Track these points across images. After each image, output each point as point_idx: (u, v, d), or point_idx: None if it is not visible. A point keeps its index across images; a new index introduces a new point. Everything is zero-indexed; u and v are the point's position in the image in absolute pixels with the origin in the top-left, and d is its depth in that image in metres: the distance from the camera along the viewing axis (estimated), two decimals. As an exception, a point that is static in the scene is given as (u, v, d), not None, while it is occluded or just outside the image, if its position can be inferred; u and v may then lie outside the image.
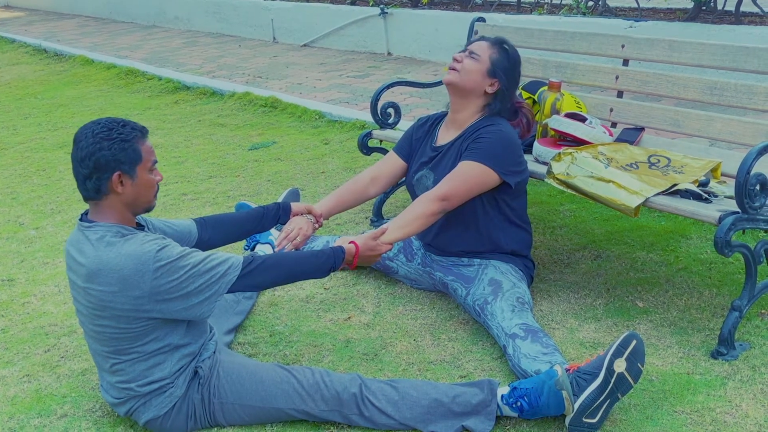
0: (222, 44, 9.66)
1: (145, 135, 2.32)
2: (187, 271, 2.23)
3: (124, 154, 2.24)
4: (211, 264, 2.28)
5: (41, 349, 2.99)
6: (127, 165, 2.25)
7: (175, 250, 2.25)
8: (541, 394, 2.27)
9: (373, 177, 3.18)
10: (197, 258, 2.27)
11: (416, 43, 7.74)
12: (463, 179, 2.81)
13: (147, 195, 2.33)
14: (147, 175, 2.31)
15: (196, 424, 2.42)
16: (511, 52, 2.96)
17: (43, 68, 9.15)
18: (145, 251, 2.21)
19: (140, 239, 2.25)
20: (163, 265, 2.20)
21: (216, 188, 4.65)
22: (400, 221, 2.77)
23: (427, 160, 3.03)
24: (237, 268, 2.31)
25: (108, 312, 2.25)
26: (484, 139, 2.85)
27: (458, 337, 2.87)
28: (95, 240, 2.25)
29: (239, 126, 6.01)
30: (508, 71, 2.94)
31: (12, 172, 5.33)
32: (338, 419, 2.38)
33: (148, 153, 2.31)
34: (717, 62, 3.17)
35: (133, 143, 2.26)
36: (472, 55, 2.93)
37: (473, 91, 2.93)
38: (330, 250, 2.48)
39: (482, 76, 2.91)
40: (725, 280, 3.10)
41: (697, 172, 2.87)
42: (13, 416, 2.59)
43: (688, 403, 2.40)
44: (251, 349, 2.88)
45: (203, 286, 2.26)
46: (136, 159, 2.27)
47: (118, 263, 2.20)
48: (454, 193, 2.79)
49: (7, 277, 3.67)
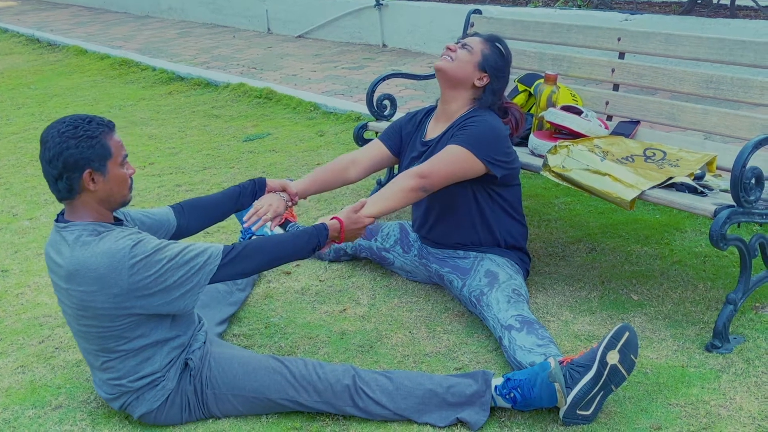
0: (216, 35, 9.62)
1: (113, 129, 2.29)
2: (164, 264, 2.22)
3: (92, 151, 2.21)
4: (190, 255, 2.26)
5: (35, 340, 2.98)
6: (96, 162, 2.22)
7: (150, 244, 2.22)
8: (534, 386, 2.28)
9: (354, 159, 3.12)
10: (174, 250, 2.25)
11: (411, 35, 7.72)
12: (444, 160, 2.80)
13: (120, 190, 2.30)
14: (118, 170, 2.28)
15: (190, 415, 2.42)
16: (503, 51, 2.97)
17: (36, 58, 9.11)
18: (120, 248, 2.19)
19: (114, 236, 2.23)
20: (138, 261, 2.19)
21: (211, 179, 4.63)
22: (380, 195, 2.74)
23: (417, 155, 3.02)
24: (217, 257, 2.29)
25: (90, 311, 2.24)
26: (471, 126, 2.86)
27: (453, 329, 2.87)
28: (72, 240, 2.23)
29: (234, 117, 5.99)
30: (499, 68, 2.94)
31: (5, 162, 5.30)
32: (331, 410, 2.39)
33: (118, 147, 2.27)
34: (713, 56, 3.17)
35: (101, 139, 2.23)
36: (465, 46, 2.94)
37: (463, 81, 2.92)
38: (312, 228, 2.46)
39: (473, 67, 2.91)
40: (720, 274, 3.11)
41: (693, 165, 2.88)
42: (8, 407, 2.58)
43: (683, 395, 2.41)
44: (246, 340, 2.87)
45: (183, 278, 2.24)
46: (105, 155, 2.24)
47: (93, 262, 2.18)
48: (434, 172, 2.77)
49: (1, 267, 3.66)
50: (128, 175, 2.32)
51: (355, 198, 4.14)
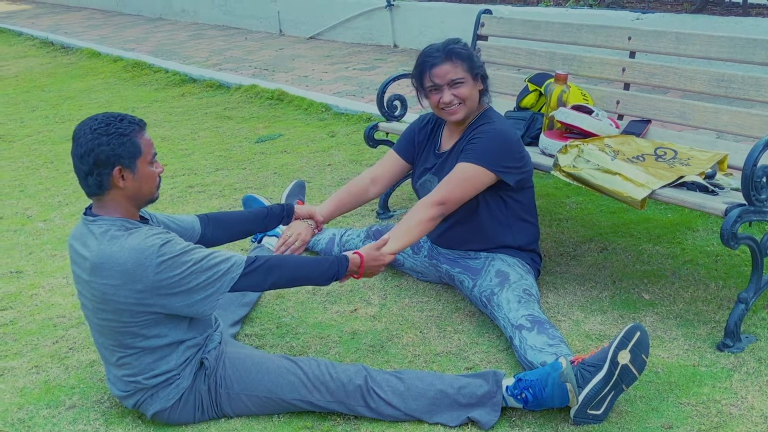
0: (228, 37, 9.66)
1: (143, 128, 2.33)
2: (189, 266, 2.24)
3: (123, 148, 2.25)
4: (214, 261, 2.28)
5: (50, 341, 3.01)
6: (127, 159, 2.26)
7: (178, 246, 2.25)
8: (546, 386, 2.28)
9: (373, 178, 3.16)
10: (200, 254, 2.27)
11: (423, 35, 7.72)
12: (458, 182, 2.80)
13: (149, 187, 2.34)
14: (147, 168, 2.31)
15: (203, 415, 2.44)
16: (463, 46, 2.88)
17: (49, 61, 9.17)
18: (149, 245, 2.21)
19: (144, 233, 2.25)
20: (165, 260, 2.21)
21: (223, 181, 4.66)
22: (401, 230, 2.75)
23: (431, 166, 3.03)
24: (240, 266, 2.31)
25: (111, 305, 2.26)
26: (478, 139, 2.85)
27: (464, 329, 2.88)
28: (99, 234, 2.26)
29: (246, 118, 6.02)
30: (478, 63, 2.89)
31: (20, 164, 5.35)
32: (343, 410, 2.40)
33: (148, 146, 2.31)
34: (724, 54, 3.16)
35: (132, 137, 2.27)
36: (456, 84, 2.84)
37: (475, 104, 2.92)
38: (334, 258, 2.49)
39: (473, 87, 2.88)
40: (731, 273, 3.10)
41: (704, 164, 2.87)
42: (23, 407, 2.61)
43: (694, 395, 2.40)
44: (258, 340, 2.89)
45: (206, 282, 2.27)
46: (136, 152, 2.27)
47: (121, 257, 2.21)
48: (450, 197, 2.79)
49: (16, 268, 3.70)
50: (157, 173, 2.36)
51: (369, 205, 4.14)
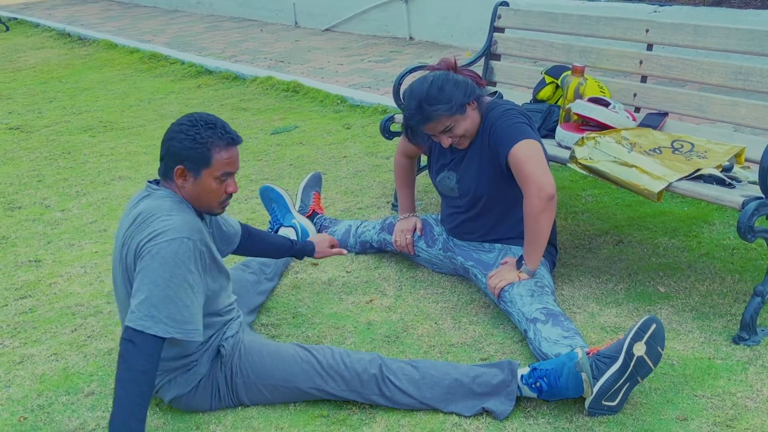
0: (244, 29, 9.68)
1: (228, 144, 2.31)
2: (179, 282, 2.20)
3: (191, 152, 2.28)
4: (187, 313, 2.22)
5: (68, 329, 3.04)
6: (192, 163, 2.29)
7: (191, 273, 2.22)
8: (561, 376, 2.28)
9: (404, 153, 3.31)
10: (191, 295, 2.23)
11: (438, 28, 7.71)
12: (530, 161, 2.68)
13: (207, 199, 2.35)
14: (211, 182, 2.32)
15: (220, 402, 2.46)
16: (435, 99, 2.74)
17: (67, 52, 9.23)
18: (190, 227, 2.24)
19: (193, 216, 2.29)
20: (182, 254, 2.21)
21: (239, 172, 4.65)
22: (529, 243, 2.74)
23: (448, 162, 3.02)
24: (185, 335, 2.23)
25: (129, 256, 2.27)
26: (503, 123, 2.78)
27: (479, 320, 2.89)
28: (156, 196, 2.33)
29: (261, 110, 6.04)
30: (456, 102, 2.76)
31: (38, 155, 5.39)
32: (358, 399, 2.41)
33: (222, 162, 2.31)
34: (742, 47, 3.14)
35: (206, 147, 2.28)
36: (447, 130, 2.80)
37: (476, 124, 2.87)
38: None
39: (468, 117, 2.81)
40: (748, 266, 3.09)
41: (721, 157, 2.86)
42: (42, 393, 2.64)
43: (709, 387, 2.40)
44: (274, 330, 2.91)
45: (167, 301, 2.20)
46: (203, 162, 2.30)
47: (166, 219, 2.23)
48: (536, 175, 2.66)
49: (34, 258, 3.73)
50: (221, 191, 2.35)
51: (382, 190, 4.16)
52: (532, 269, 2.76)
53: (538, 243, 2.73)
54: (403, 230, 3.25)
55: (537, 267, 2.77)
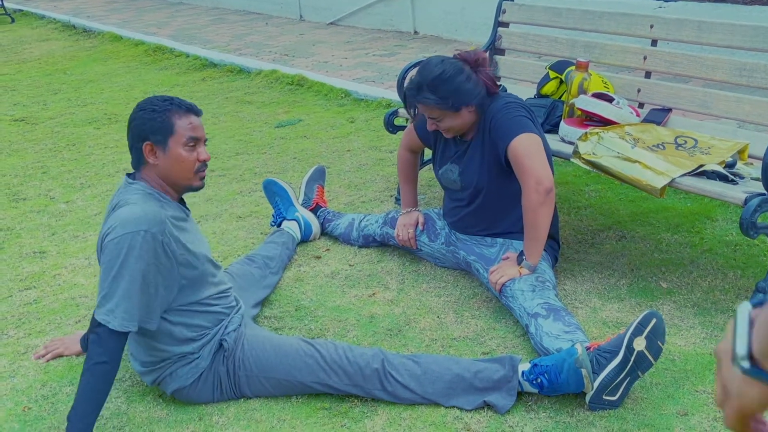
0: (249, 22, 9.68)
1: (186, 110, 2.33)
2: (133, 263, 2.19)
3: (152, 123, 2.28)
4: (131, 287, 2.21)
5: (72, 320, 3.06)
6: (157, 135, 2.29)
7: (148, 265, 2.21)
8: (561, 372, 2.29)
9: (408, 148, 3.30)
10: (144, 287, 2.22)
11: (443, 22, 7.71)
12: (529, 154, 2.69)
13: (181, 170, 2.33)
14: (180, 150, 2.31)
15: (222, 395, 2.47)
16: (434, 85, 2.75)
17: (72, 44, 9.23)
18: (153, 217, 2.21)
19: (159, 207, 2.27)
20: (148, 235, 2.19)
21: (243, 165, 4.69)
22: (528, 237, 2.74)
23: (452, 155, 3.02)
24: (122, 325, 2.22)
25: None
26: (503, 117, 2.78)
27: (481, 314, 2.90)
28: (130, 190, 2.32)
29: (266, 103, 6.04)
30: (451, 101, 2.76)
31: (42, 146, 5.40)
32: (360, 393, 2.42)
33: (185, 128, 2.32)
34: (747, 43, 3.14)
35: (164, 114, 2.29)
36: (433, 118, 2.82)
37: (467, 124, 2.87)
38: None
39: (459, 117, 2.81)
40: (750, 262, 3.10)
41: (724, 153, 2.86)
42: (46, 384, 2.66)
43: (710, 382, 2.41)
44: (277, 322, 2.92)
45: (114, 281, 2.20)
46: (167, 130, 2.30)
47: (124, 214, 2.21)
48: (535, 169, 2.67)
49: (39, 249, 3.75)
50: (194, 158, 2.34)
51: (385, 183, 4.17)
52: (533, 264, 2.76)
53: (538, 237, 2.74)
54: (405, 224, 3.26)
55: (538, 262, 2.77)
